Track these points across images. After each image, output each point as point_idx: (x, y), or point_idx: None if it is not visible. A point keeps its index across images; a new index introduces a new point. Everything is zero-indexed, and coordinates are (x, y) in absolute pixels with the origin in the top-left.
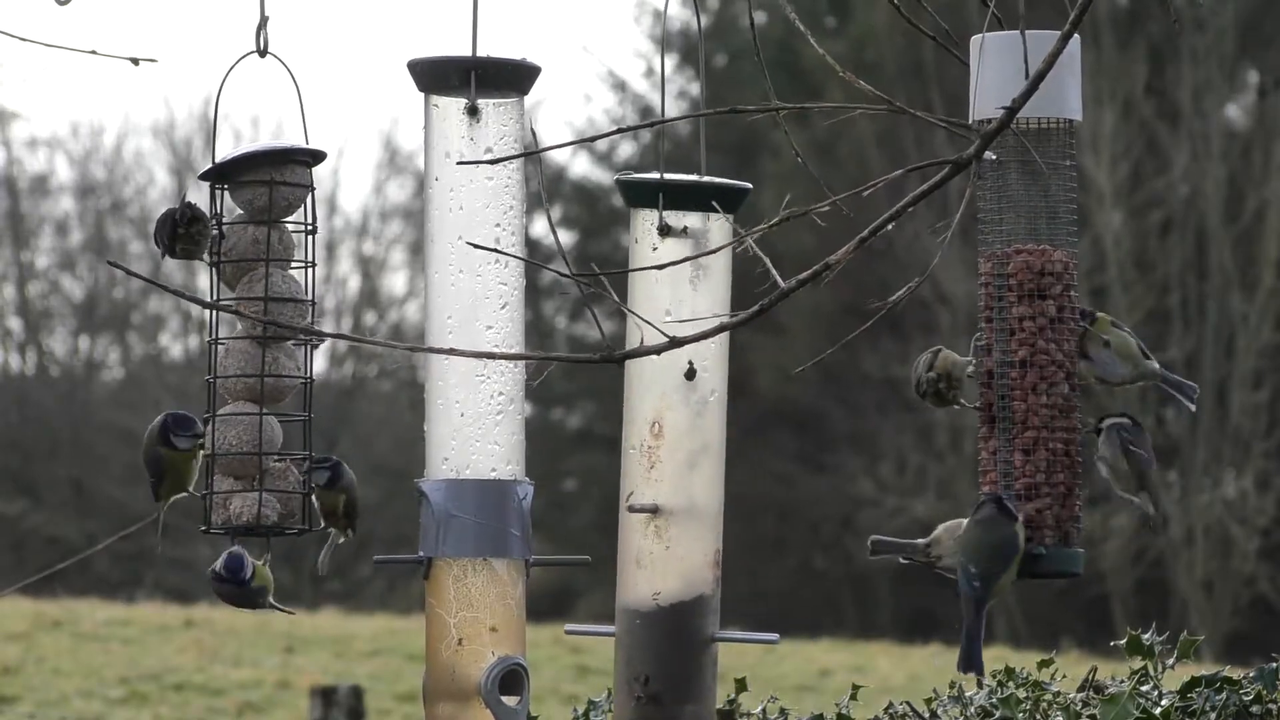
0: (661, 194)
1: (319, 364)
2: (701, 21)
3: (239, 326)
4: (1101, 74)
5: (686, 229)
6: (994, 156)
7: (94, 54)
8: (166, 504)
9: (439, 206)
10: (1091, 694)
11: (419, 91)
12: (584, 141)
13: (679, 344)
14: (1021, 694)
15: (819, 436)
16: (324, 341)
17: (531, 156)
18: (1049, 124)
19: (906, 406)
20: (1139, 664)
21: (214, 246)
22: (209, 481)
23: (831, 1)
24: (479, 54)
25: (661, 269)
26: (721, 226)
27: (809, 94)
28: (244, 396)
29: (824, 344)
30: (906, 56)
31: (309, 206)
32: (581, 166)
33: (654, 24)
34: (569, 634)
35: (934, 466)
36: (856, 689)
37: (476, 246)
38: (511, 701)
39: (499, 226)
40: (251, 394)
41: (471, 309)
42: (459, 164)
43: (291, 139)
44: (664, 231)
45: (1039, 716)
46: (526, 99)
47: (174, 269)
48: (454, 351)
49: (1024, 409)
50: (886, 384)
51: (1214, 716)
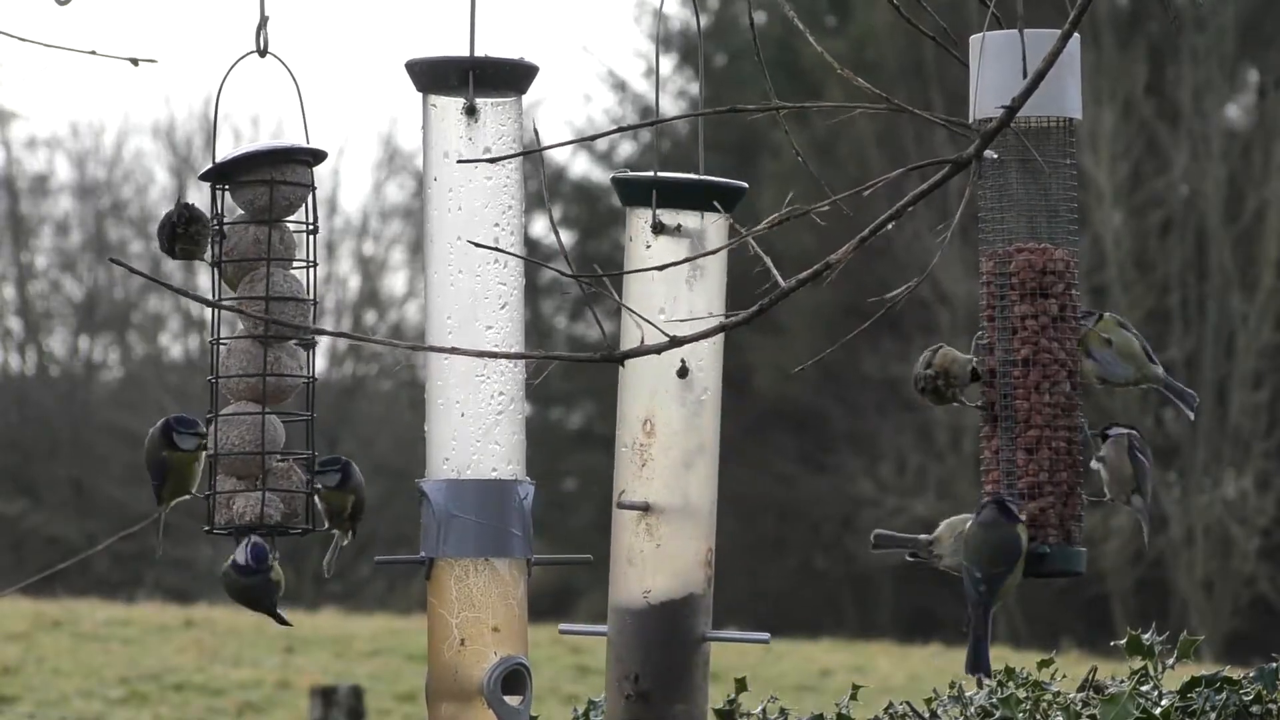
0: (654, 191)
1: (319, 364)
2: (701, 21)
3: (240, 326)
4: (1101, 74)
5: (680, 226)
6: (994, 155)
7: (94, 54)
8: (167, 506)
9: (438, 206)
10: (1091, 694)
11: (418, 91)
12: (583, 141)
13: (679, 343)
14: (1021, 694)
15: (819, 436)
16: (319, 341)
17: (532, 156)
18: (1049, 123)
19: (906, 406)
20: (1139, 664)
21: (215, 246)
22: (212, 482)
23: (832, 1)
24: (477, 54)
25: (661, 269)
26: (718, 226)
27: (809, 93)
28: (246, 396)
29: (824, 344)
30: (907, 56)
31: (310, 206)
32: (581, 166)
33: (654, 24)
34: (563, 633)
35: (934, 466)
36: (856, 689)
37: (476, 245)
38: (514, 701)
39: (498, 226)
40: (254, 394)
41: (471, 309)
42: (458, 163)
43: (291, 139)
44: (657, 229)
45: (1039, 716)
46: (525, 99)
47: (174, 269)
48: (454, 351)
49: (1027, 408)
50: (886, 384)
51: (1214, 716)
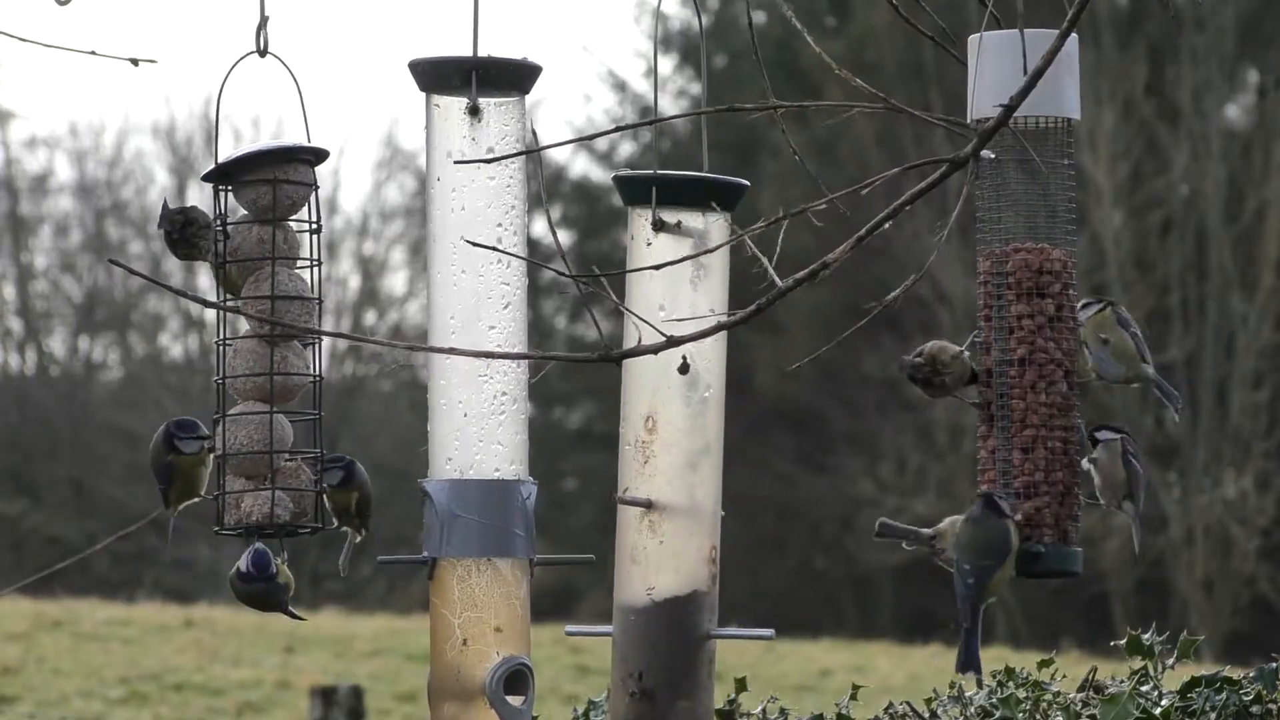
0: (654, 188)
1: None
2: (702, 21)
3: (245, 326)
4: (1101, 74)
5: (680, 223)
6: (992, 155)
7: (94, 54)
8: (176, 510)
9: (441, 207)
10: (1091, 694)
11: (420, 91)
12: (582, 140)
13: (676, 343)
14: (1021, 694)
15: (819, 436)
16: (322, 340)
17: (531, 156)
18: (1047, 123)
19: (906, 406)
20: (1139, 664)
21: (218, 247)
22: (220, 482)
23: (831, 1)
24: (480, 54)
25: (659, 268)
26: (721, 225)
27: (808, 93)
28: (253, 396)
29: (823, 344)
30: (906, 56)
31: (313, 205)
32: (581, 166)
33: (653, 24)
34: (570, 635)
35: (934, 466)
36: (856, 689)
37: (474, 245)
38: (517, 701)
39: (501, 226)
40: (261, 393)
41: (474, 309)
42: (456, 163)
43: (292, 139)
44: (658, 226)
45: (1039, 716)
46: (527, 99)
47: (175, 268)
48: (452, 351)
49: (1023, 407)
50: (886, 384)
51: (1214, 716)
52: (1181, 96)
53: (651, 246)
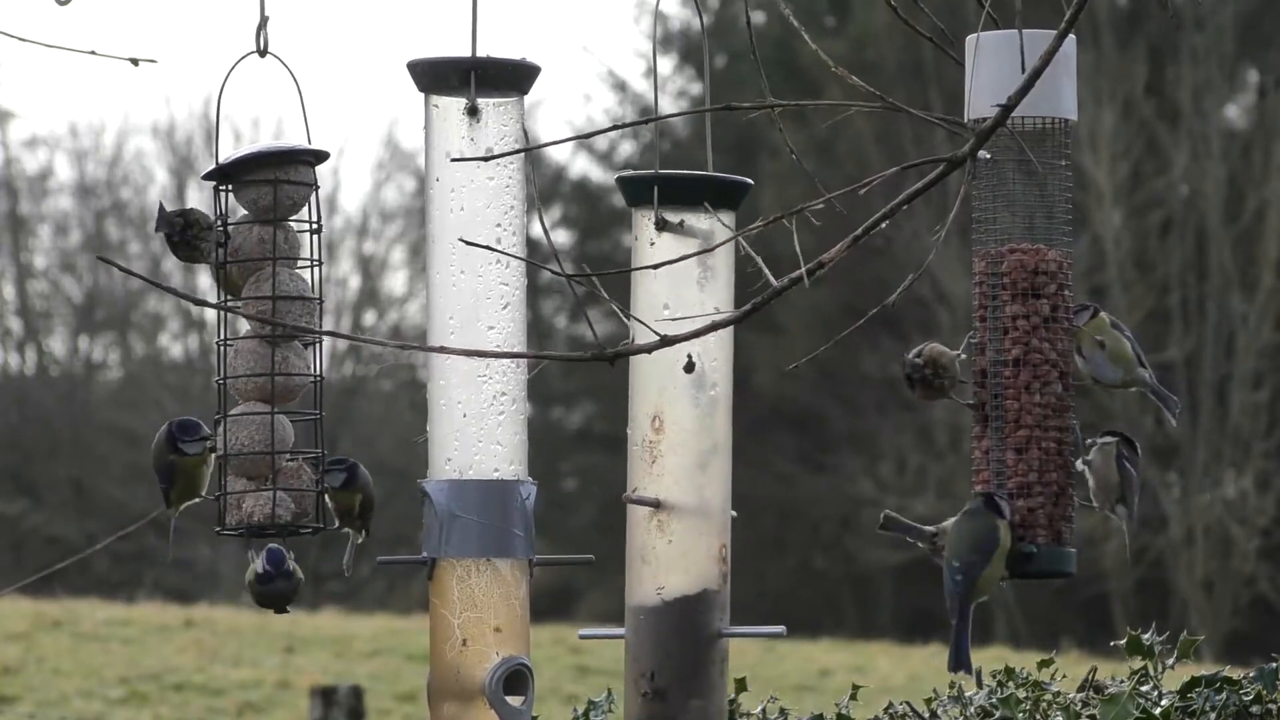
0: (657, 188)
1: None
2: (704, 21)
3: (244, 326)
4: (1101, 74)
5: (683, 222)
6: (989, 155)
7: (93, 54)
8: (177, 510)
9: (440, 207)
10: (1091, 694)
11: (419, 92)
12: (580, 138)
13: (670, 342)
14: (1021, 694)
15: (819, 436)
16: (323, 341)
17: (526, 156)
18: (1045, 123)
19: (906, 406)
20: (1139, 664)
21: (219, 247)
22: (222, 482)
23: (831, 1)
24: (479, 54)
25: (656, 268)
26: (727, 225)
27: (807, 93)
28: (254, 396)
29: (823, 343)
30: (906, 56)
31: (313, 205)
32: (581, 166)
33: (653, 24)
34: (583, 639)
35: (934, 466)
36: (856, 689)
37: (470, 245)
38: (516, 701)
39: (500, 227)
40: (262, 394)
41: (473, 309)
42: (452, 160)
43: (292, 139)
44: (660, 226)
45: (1039, 716)
46: (527, 99)
47: (174, 268)
48: (449, 350)
49: (1017, 408)
50: (886, 384)
51: (1214, 716)
52: (1181, 96)
53: (655, 246)
